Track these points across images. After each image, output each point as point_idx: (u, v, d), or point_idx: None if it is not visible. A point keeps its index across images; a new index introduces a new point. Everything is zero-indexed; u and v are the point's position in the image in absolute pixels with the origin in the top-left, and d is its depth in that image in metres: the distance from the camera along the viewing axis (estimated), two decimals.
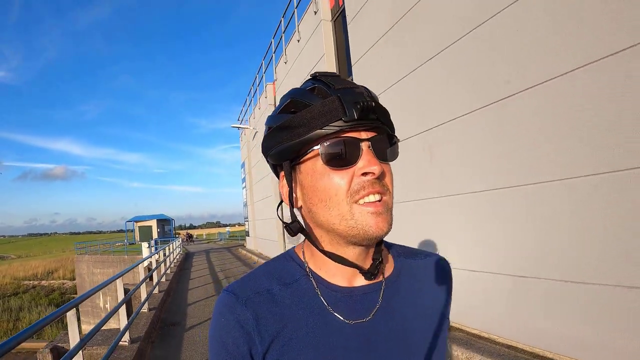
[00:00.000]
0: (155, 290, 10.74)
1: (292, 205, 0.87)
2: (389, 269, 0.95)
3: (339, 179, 0.79)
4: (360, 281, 0.90)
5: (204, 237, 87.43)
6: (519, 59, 4.69)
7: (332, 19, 11.06)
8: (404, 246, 1.06)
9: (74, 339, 4.05)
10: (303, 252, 0.94)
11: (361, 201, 0.78)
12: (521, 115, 4.71)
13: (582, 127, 4.01)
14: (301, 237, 0.92)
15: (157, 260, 15.11)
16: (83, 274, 34.93)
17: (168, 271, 15.26)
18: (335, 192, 0.79)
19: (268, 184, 20.01)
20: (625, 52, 3.59)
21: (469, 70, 5.48)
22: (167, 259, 16.06)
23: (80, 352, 3.99)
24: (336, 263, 0.86)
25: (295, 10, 13.70)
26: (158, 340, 7.15)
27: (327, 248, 0.86)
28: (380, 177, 0.80)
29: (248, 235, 30.35)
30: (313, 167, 0.82)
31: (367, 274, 0.87)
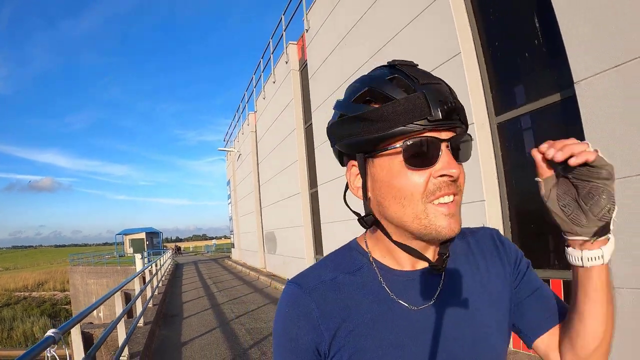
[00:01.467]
0: (155, 292, 13.01)
1: (365, 199, 0.88)
2: None
3: (417, 179, 0.79)
4: (422, 264, 0.91)
5: (191, 249, 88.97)
6: None
7: (300, 69, 13.54)
8: None
9: (119, 310, 6.38)
10: (365, 242, 0.95)
11: (435, 201, 0.80)
12: None
13: None
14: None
15: (155, 268, 17.40)
16: (77, 284, 36.57)
17: (163, 278, 17.51)
18: (411, 192, 0.80)
19: (252, 202, 22.43)
20: None
21: None
22: (162, 268, 18.29)
23: (122, 320, 6.30)
24: (403, 251, 0.88)
25: (272, 55, 16.21)
26: (163, 325, 9.47)
27: (395, 239, 0.87)
28: (456, 178, 0.81)
29: (233, 247, 32.70)
30: (390, 164, 0.82)
31: (435, 268, 0.87)
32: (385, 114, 0.77)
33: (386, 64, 0.85)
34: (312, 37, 11.60)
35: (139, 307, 8.51)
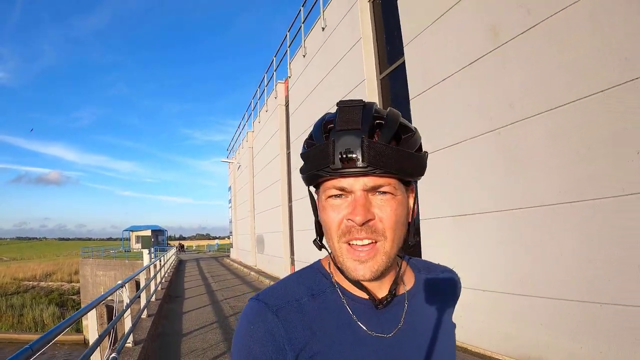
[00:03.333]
0: (163, 280, 16.13)
1: (317, 223, 0.93)
2: (409, 282, 0.99)
3: (332, 216, 0.84)
4: (383, 293, 0.92)
5: (194, 248, 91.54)
6: None
7: (285, 104, 16.69)
8: (422, 260, 1.09)
9: (141, 284, 9.50)
10: (329, 263, 0.96)
11: (351, 242, 0.83)
12: None
13: None
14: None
15: (160, 262, 20.52)
16: (87, 275, 39.07)
17: (169, 270, 20.63)
18: (330, 227, 0.85)
19: (247, 208, 25.70)
20: None
21: None
22: (168, 262, 21.40)
23: (144, 292, 9.38)
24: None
25: (265, 88, 19.49)
26: (170, 302, 12.63)
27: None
28: (373, 224, 0.82)
29: (232, 247, 36.11)
30: (320, 199, 0.89)
31: (376, 304, 0.90)
32: (307, 157, 0.86)
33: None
34: (293, 83, 14.79)
35: (151, 289, 11.58)
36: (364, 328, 0.88)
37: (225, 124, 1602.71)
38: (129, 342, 6.50)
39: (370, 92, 9.06)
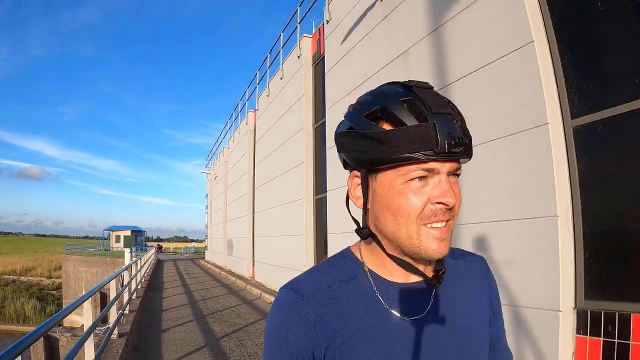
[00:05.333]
0: (145, 274, 19.14)
1: (364, 210, 0.90)
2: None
3: (416, 201, 0.82)
4: (414, 278, 0.93)
5: (172, 249, 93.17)
6: None
7: (254, 130, 19.78)
8: None
9: (127, 280, 12.58)
10: (360, 251, 0.97)
11: (429, 225, 0.83)
12: None
13: None
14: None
15: (144, 259, 23.36)
16: (69, 271, 40.34)
17: (149, 267, 23.54)
18: (408, 213, 0.82)
19: (220, 215, 28.87)
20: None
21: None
22: (149, 260, 24.28)
23: (133, 280, 12.42)
24: (396, 264, 0.91)
25: (239, 114, 22.69)
26: (151, 292, 15.68)
27: (389, 252, 0.90)
28: (453, 205, 0.83)
29: (207, 250, 39.25)
30: (391, 182, 0.83)
31: (431, 284, 0.91)
32: (393, 138, 0.79)
33: (402, 82, 0.86)
34: (260, 115, 17.93)
35: (138, 278, 14.60)
36: (395, 312, 0.90)
37: (209, 127, 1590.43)
38: (126, 310, 9.56)
39: (306, 138, 12.21)
